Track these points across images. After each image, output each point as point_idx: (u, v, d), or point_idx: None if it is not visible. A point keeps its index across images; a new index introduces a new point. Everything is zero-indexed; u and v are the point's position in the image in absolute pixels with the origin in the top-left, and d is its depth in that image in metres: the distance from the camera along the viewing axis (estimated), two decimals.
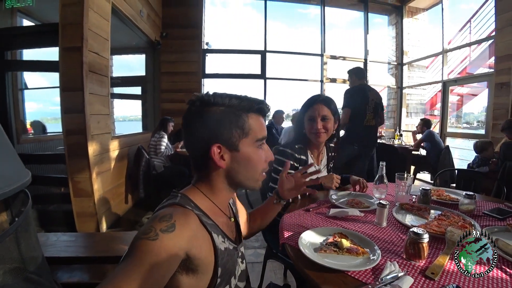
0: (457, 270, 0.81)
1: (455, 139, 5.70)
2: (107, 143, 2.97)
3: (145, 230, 0.57)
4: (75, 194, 2.60)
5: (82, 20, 2.38)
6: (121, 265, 0.54)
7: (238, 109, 0.71)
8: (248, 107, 0.72)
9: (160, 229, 0.57)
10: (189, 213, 0.65)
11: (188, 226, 0.62)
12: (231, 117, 0.70)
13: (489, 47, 5.73)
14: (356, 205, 1.37)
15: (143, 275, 0.52)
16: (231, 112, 0.70)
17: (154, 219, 0.60)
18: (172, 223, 0.59)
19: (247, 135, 0.72)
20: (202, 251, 0.64)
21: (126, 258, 0.55)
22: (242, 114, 0.71)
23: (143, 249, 0.55)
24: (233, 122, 0.70)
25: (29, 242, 0.99)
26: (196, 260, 0.62)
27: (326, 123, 1.55)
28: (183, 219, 0.62)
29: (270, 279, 2.07)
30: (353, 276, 0.79)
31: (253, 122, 0.73)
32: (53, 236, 1.68)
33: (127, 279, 0.51)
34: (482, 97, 8.01)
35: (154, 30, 4.56)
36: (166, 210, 0.65)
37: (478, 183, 2.07)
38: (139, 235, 0.57)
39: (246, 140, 0.72)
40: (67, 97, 2.46)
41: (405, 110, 6.26)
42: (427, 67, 6.49)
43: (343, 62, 5.95)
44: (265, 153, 0.78)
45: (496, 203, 1.44)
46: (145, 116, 4.94)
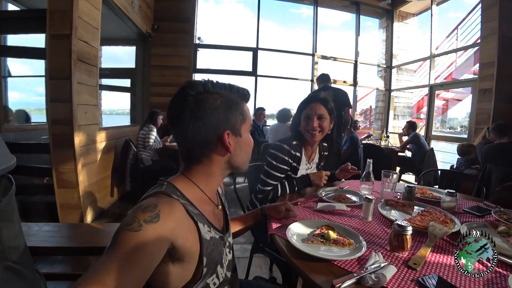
0: (437, 261, 0.85)
1: (439, 142, 5.87)
2: (94, 134, 2.90)
3: (128, 221, 0.56)
4: (59, 185, 2.54)
5: (72, 7, 2.31)
6: (104, 257, 0.52)
7: (236, 97, 0.75)
8: (242, 95, 0.76)
9: (144, 220, 0.56)
10: (174, 202, 0.64)
11: (173, 216, 0.61)
12: (235, 105, 0.73)
13: (474, 54, 5.94)
14: (343, 200, 1.40)
15: (126, 267, 0.51)
16: (233, 99, 0.74)
17: (138, 209, 0.59)
18: (156, 213, 0.58)
19: (245, 121, 0.76)
20: (187, 241, 0.63)
21: (108, 250, 0.54)
22: (239, 101, 0.75)
23: (126, 241, 0.53)
24: (237, 109, 0.74)
25: (12, 230, 0.96)
26: (182, 250, 0.62)
27: (322, 122, 1.57)
28: (168, 208, 0.61)
29: (256, 274, 2.09)
30: (339, 265, 0.81)
31: (246, 109, 0.77)
32: (35, 226, 1.63)
33: (109, 272, 0.50)
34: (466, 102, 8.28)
35: (145, 22, 4.49)
36: (150, 199, 0.63)
37: (459, 183, 2.15)
38: (122, 226, 0.55)
39: (245, 125, 0.76)
40: (54, 85, 2.39)
41: (393, 112, 6.41)
42: (415, 71, 6.66)
43: (334, 63, 6.04)
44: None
45: (476, 201, 1.51)
46: (134, 109, 4.86)
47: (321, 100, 1.59)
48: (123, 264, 0.51)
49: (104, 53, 4.87)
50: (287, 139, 1.61)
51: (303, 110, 1.61)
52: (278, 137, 3.48)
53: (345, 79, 6.08)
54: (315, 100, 1.59)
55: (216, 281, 0.73)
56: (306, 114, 1.59)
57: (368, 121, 7.96)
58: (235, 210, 3.08)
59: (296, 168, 1.60)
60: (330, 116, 1.60)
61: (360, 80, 6.13)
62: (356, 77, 6.08)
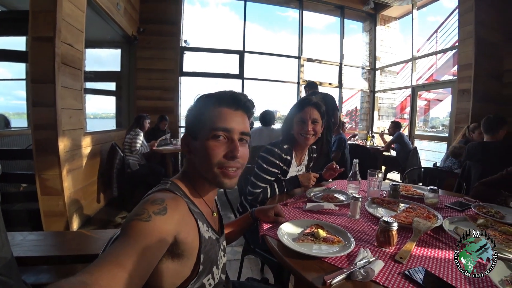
0: (422, 254, 0.89)
1: (423, 141, 6.06)
2: (79, 139, 2.84)
3: (138, 212, 0.59)
4: (42, 192, 2.46)
5: (56, 9, 2.26)
6: (116, 243, 0.54)
7: (206, 101, 0.76)
8: (216, 99, 0.75)
9: (153, 212, 0.59)
10: (179, 199, 0.68)
11: (178, 211, 0.64)
12: (197, 110, 0.76)
13: (453, 56, 6.20)
14: (331, 199, 1.44)
15: (137, 255, 0.52)
16: (201, 104, 0.76)
17: (146, 202, 0.62)
18: (164, 206, 0.61)
19: (204, 125, 0.73)
20: (188, 236, 0.66)
21: (119, 238, 0.55)
22: (208, 106, 0.75)
23: (137, 230, 0.55)
24: (197, 113, 0.76)
25: None
26: (183, 245, 0.63)
27: (316, 125, 1.61)
28: (174, 203, 0.64)
29: (247, 275, 2.09)
30: (329, 262, 0.83)
31: (213, 113, 0.74)
32: (19, 235, 1.58)
33: (125, 254, 0.51)
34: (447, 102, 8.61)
35: (131, 24, 4.43)
36: (157, 194, 0.66)
37: (442, 180, 2.24)
38: (132, 216, 0.58)
39: (203, 129, 0.73)
40: (36, 89, 2.32)
41: (377, 113, 6.58)
42: (397, 72, 6.87)
43: (320, 65, 6.14)
44: (228, 147, 0.73)
45: (457, 197, 1.58)
46: (119, 113, 4.77)
47: (314, 104, 1.62)
48: (137, 249, 0.53)
49: (89, 56, 4.76)
50: (278, 142, 1.64)
51: (297, 114, 1.63)
52: (262, 141, 3.49)
53: (330, 81, 6.19)
54: (309, 104, 1.62)
55: (212, 282, 0.74)
56: (300, 118, 1.61)
57: (354, 122, 8.14)
58: (225, 213, 3.08)
59: (286, 171, 1.63)
60: (322, 120, 1.64)
61: (345, 82, 6.26)
62: (341, 79, 6.20)
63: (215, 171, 0.73)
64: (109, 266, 0.48)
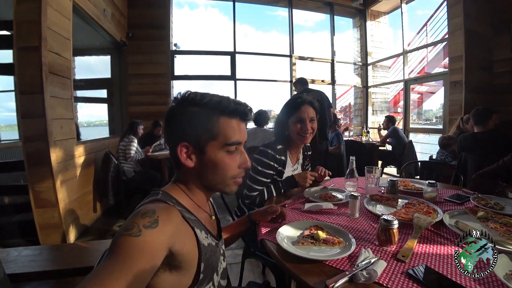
0: (424, 251, 0.88)
1: (417, 134, 6.09)
2: (71, 149, 2.78)
3: (128, 226, 0.56)
4: (36, 204, 2.40)
5: (40, 18, 2.20)
6: (104, 262, 0.52)
7: (210, 111, 0.70)
8: (221, 109, 0.71)
9: (143, 225, 0.56)
10: (171, 208, 0.65)
11: (171, 222, 0.61)
12: (201, 119, 0.70)
13: (444, 48, 6.24)
14: (329, 199, 1.42)
15: (127, 271, 0.50)
16: (203, 113, 0.70)
17: (136, 215, 0.59)
18: (155, 218, 0.58)
19: (215, 138, 0.70)
20: (185, 247, 0.63)
21: (108, 255, 0.53)
22: (213, 116, 0.70)
23: (126, 246, 0.53)
24: (202, 124, 0.70)
25: None
26: (180, 256, 0.61)
27: (313, 123, 1.59)
28: (165, 214, 0.61)
29: (249, 279, 2.07)
30: (330, 265, 0.81)
31: (223, 125, 0.71)
32: (14, 251, 1.54)
33: (111, 275, 0.49)
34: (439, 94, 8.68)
35: (119, 30, 4.38)
36: (148, 206, 0.63)
37: (439, 172, 2.24)
38: (121, 232, 0.55)
39: (214, 143, 0.71)
40: (25, 100, 2.26)
41: (371, 108, 6.60)
42: (389, 67, 6.90)
43: (312, 63, 6.14)
44: (240, 159, 0.75)
45: (455, 189, 1.58)
46: (112, 120, 4.71)
47: (310, 102, 1.60)
48: (124, 268, 0.50)
49: (78, 64, 4.70)
50: (271, 143, 1.61)
51: (294, 114, 1.60)
52: (256, 142, 3.46)
53: (323, 78, 6.20)
54: (305, 103, 1.59)
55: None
56: (298, 118, 1.57)
57: (348, 118, 8.16)
58: (223, 216, 3.04)
59: (281, 171, 1.61)
60: (316, 117, 1.63)
61: (338, 79, 6.27)
62: (333, 75, 6.21)
63: (229, 182, 0.74)
64: None
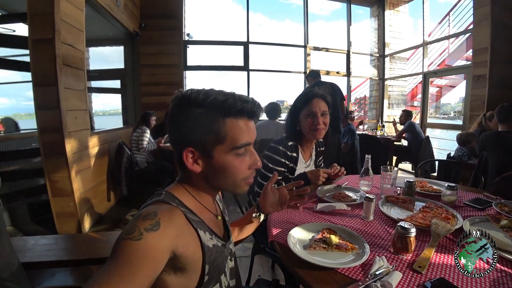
0: (442, 262, 0.83)
1: (435, 130, 5.90)
2: (86, 139, 2.84)
3: (129, 230, 0.55)
4: (53, 193, 2.48)
5: (53, 10, 2.21)
6: (105, 267, 0.51)
7: (215, 112, 0.65)
8: (227, 110, 0.66)
9: (145, 228, 0.55)
10: (174, 209, 0.63)
11: (174, 224, 0.60)
12: (206, 122, 0.65)
13: (467, 40, 5.94)
14: (342, 198, 1.38)
15: (128, 277, 0.49)
16: (208, 115, 0.65)
17: (138, 217, 0.58)
18: (156, 221, 0.57)
19: (222, 142, 0.66)
20: (189, 249, 0.62)
21: (110, 259, 0.52)
22: (218, 118, 0.66)
23: (127, 250, 0.52)
24: (208, 127, 0.65)
25: (3, 250, 0.93)
26: (184, 258, 0.60)
27: (325, 118, 1.53)
28: (168, 216, 0.60)
29: (258, 273, 2.08)
30: (343, 273, 0.79)
31: (231, 128, 0.67)
32: (31, 240, 1.60)
33: (111, 282, 0.48)
34: (460, 88, 8.33)
35: (132, 20, 4.37)
36: (150, 207, 0.62)
37: (457, 173, 2.15)
38: (123, 236, 0.54)
39: (221, 147, 0.67)
40: (40, 92, 2.30)
41: (387, 101, 6.41)
42: (408, 59, 6.64)
43: (326, 54, 5.99)
44: (250, 160, 0.72)
45: (476, 193, 1.50)
46: (125, 110, 4.77)
47: (322, 96, 1.54)
48: (125, 274, 0.50)
49: (92, 55, 4.75)
50: (282, 140, 1.57)
51: (304, 109, 1.54)
52: (269, 134, 3.42)
53: (338, 70, 6.04)
54: (317, 96, 1.53)
55: None
56: (310, 112, 1.52)
57: (363, 111, 7.97)
58: (234, 208, 3.05)
59: (293, 168, 1.57)
60: (329, 111, 1.57)
61: (354, 70, 6.10)
62: (349, 67, 6.04)
63: (239, 184, 0.72)
64: None
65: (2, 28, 3.10)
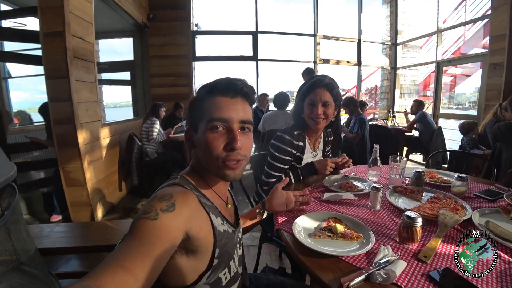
0: (448, 253, 0.83)
1: (448, 120, 5.73)
2: (97, 131, 2.90)
3: (146, 210, 0.57)
4: (67, 183, 2.57)
5: (63, 3, 2.25)
6: (123, 243, 0.53)
7: (205, 92, 0.72)
8: (212, 88, 0.72)
9: (160, 209, 0.57)
10: (188, 192, 0.66)
11: (188, 206, 0.62)
12: (198, 102, 0.73)
13: (484, 26, 5.69)
14: (349, 188, 1.38)
15: (145, 253, 0.51)
16: (201, 96, 0.73)
17: (154, 198, 0.61)
18: (172, 202, 0.59)
19: (202, 117, 0.71)
20: (201, 231, 0.64)
21: (127, 237, 0.55)
22: (208, 97, 0.71)
23: (144, 229, 0.54)
24: (198, 107, 0.72)
25: (20, 235, 0.97)
26: (196, 241, 0.62)
27: (327, 109, 1.48)
28: (182, 198, 0.62)
29: (266, 261, 2.12)
30: (347, 261, 0.79)
31: (212, 103, 0.70)
32: (47, 227, 1.68)
33: (130, 256, 0.50)
34: (475, 77, 8.04)
35: (140, 12, 4.38)
36: (166, 189, 0.65)
37: (469, 164, 2.09)
38: (140, 215, 0.57)
39: (203, 122, 0.70)
40: (52, 85, 2.36)
41: (399, 91, 6.25)
42: (421, 47, 6.42)
43: (336, 42, 5.86)
44: (226, 139, 0.69)
45: (487, 184, 1.46)
46: (135, 101, 4.84)
47: (326, 85, 1.48)
48: (142, 251, 0.52)
49: (102, 47, 4.80)
50: (289, 128, 1.56)
51: (307, 96, 1.51)
52: (277, 125, 3.39)
53: (348, 59, 5.92)
54: (320, 85, 1.48)
55: (228, 276, 0.74)
56: (310, 101, 1.49)
57: (374, 101, 7.82)
58: (242, 198, 3.09)
59: (300, 158, 1.56)
60: (335, 103, 1.51)
61: (364, 59, 5.96)
62: (360, 56, 5.90)
63: (218, 164, 0.69)
64: (114, 269, 0.47)
65: (14, 22, 3.16)
